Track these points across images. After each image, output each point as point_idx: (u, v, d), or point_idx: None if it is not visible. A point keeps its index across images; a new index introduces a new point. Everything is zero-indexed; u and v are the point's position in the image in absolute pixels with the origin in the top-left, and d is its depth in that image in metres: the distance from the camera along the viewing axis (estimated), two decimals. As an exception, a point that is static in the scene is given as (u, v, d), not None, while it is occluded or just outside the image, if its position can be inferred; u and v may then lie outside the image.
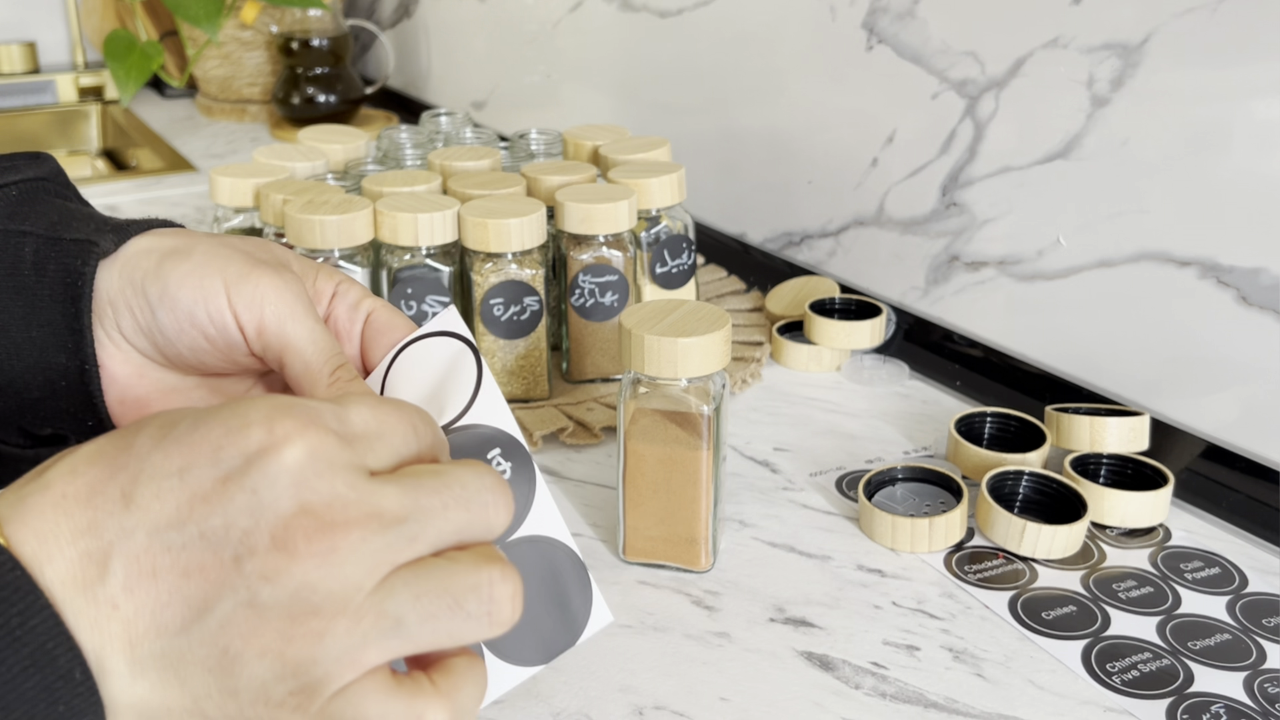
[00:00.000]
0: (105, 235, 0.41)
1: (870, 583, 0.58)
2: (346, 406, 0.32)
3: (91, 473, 0.30)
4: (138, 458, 0.30)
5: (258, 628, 0.29)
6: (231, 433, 0.30)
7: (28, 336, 0.41)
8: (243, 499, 0.29)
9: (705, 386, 0.55)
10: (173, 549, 0.29)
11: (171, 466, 0.29)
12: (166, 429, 0.30)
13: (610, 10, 1.09)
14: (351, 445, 0.31)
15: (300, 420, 0.30)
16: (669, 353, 0.53)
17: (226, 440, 0.30)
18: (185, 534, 0.29)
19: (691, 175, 0.97)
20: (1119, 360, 0.71)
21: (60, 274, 0.40)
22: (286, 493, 0.29)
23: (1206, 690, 0.51)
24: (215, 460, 0.29)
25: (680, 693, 0.50)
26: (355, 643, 0.29)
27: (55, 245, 0.41)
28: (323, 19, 1.39)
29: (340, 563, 0.29)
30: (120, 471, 0.30)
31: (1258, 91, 0.61)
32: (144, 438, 0.30)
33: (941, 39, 0.77)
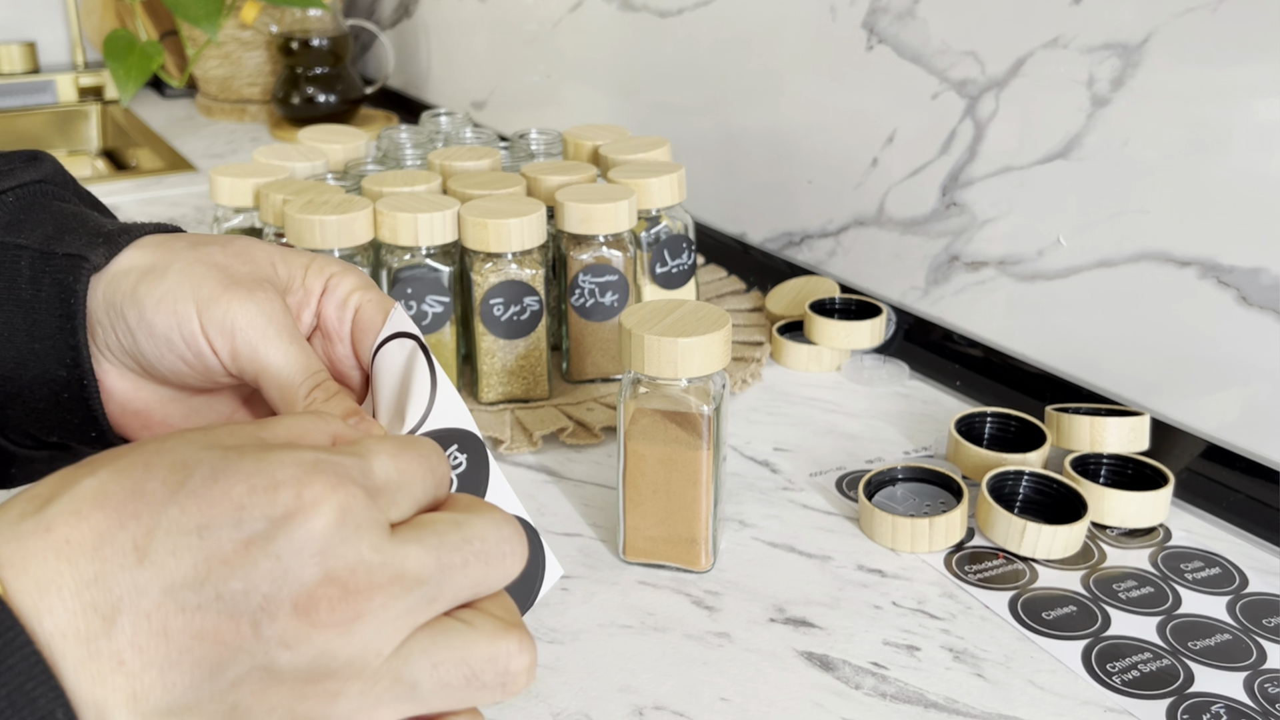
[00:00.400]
0: (97, 248, 0.41)
1: (870, 583, 0.58)
2: (369, 458, 0.31)
3: (98, 518, 0.28)
4: (151, 507, 0.28)
5: (270, 688, 0.28)
6: (256, 492, 0.28)
7: (31, 350, 0.41)
8: (266, 565, 0.28)
9: (705, 386, 0.55)
10: (187, 610, 0.28)
11: (190, 523, 0.28)
12: (181, 476, 0.29)
13: (610, 10, 1.09)
14: (376, 501, 0.30)
15: (329, 481, 0.29)
16: (669, 353, 0.53)
17: (250, 500, 0.28)
18: (202, 595, 0.28)
19: (691, 175, 0.97)
20: (1119, 360, 0.71)
21: (55, 289, 0.40)
22: (312, 560, 0.28)
23: (1207, 690, 0.51)
24: (238, 521, 0.28)
25: (680, 693, 0.50)
26: (368, 704, 0.29)
27: (49, 260, 0.40)
28: (323, 19, 1.39)
29: (362, 630, 0.28)
30: (131, 520, 0.28)
31: (1258, 91, 0.61)
32: (156, 483, 0.29)
33: (941, 39, 0.77)
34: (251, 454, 0.29)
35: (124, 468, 0.29)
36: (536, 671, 0.32)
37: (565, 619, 0.55)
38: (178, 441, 0.30)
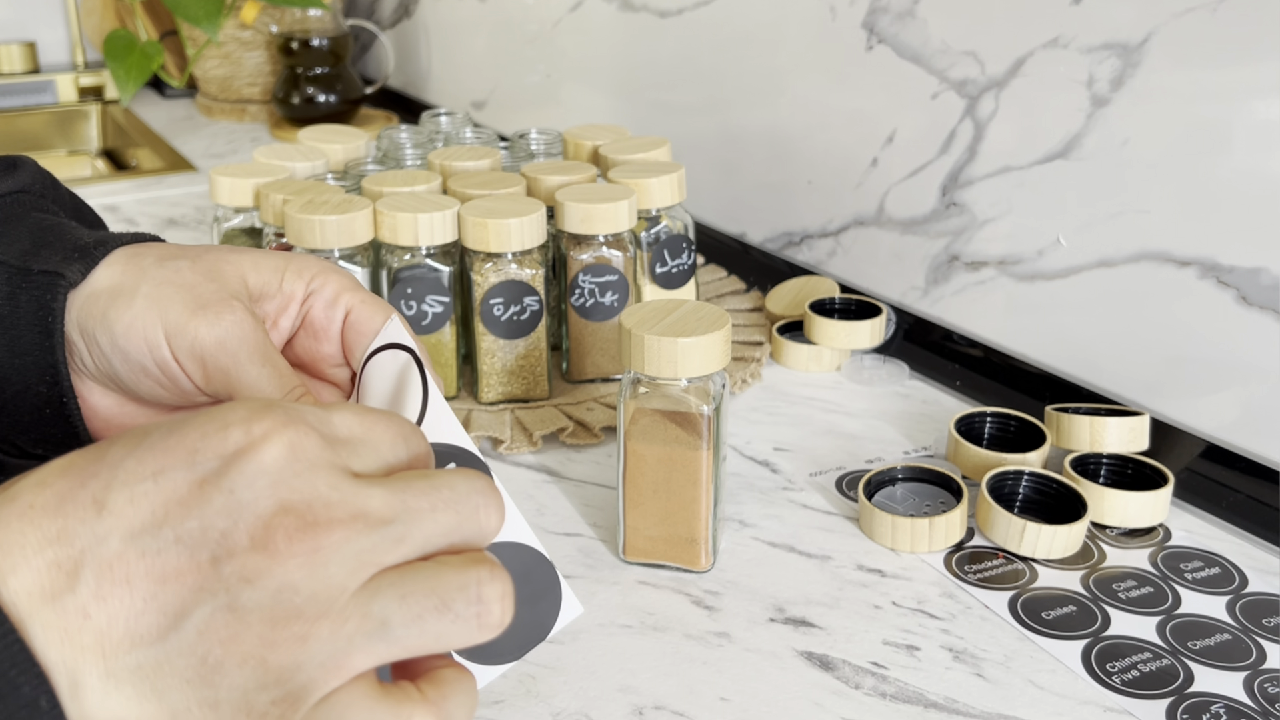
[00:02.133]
0: (72, 264, 0.40)
1: (870, 583, 0.58)
2: (331, 411, 0.31)
3: (61, 483, 0.28)
4: (110, 465, 0.29)
5: (238, 633, 0.28)
6: (208, 435, 0.29)
7: (12, 365, 0.41)
8: (220, 500, 0.28)
9: (705, 386, 0.55)
10: (147, 554, 0.28)
11: (146, 470, 0.28)
12: (141, 436, 0.29)
13: (610, 10, 1.09)
14: (334, 447, 0.30)
15: (280, 419, 0.29)
16: (669, 353, 0.53)
17: (203, 443, 0.29)
18: (160, 538, 0.28)
19: (691, 175, 0.97)
20: (1119, 360, 0.71)
21: (32, 307, 0.40)
22: (265, 492, 0.28)
23: (1206, 690, 0.51)
24: (191, 463, 0.28)
25: (680, 693, 0.50)
26: (340, 647, 0.28)
27: (26, 276, 0.40)
28: (323, 19, 1.39)
29: (323, 563, 0.28)
30: (92, 479, 0.28)
31: (1258, 91, 0.61)
32: (117, 447, 0.29)
33: (941, 39, 0.77)
34: (210, 409, 0.30)
35: (92, 446, 0.30)
36: (512, 605, 0.31)
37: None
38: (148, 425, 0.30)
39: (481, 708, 0.49)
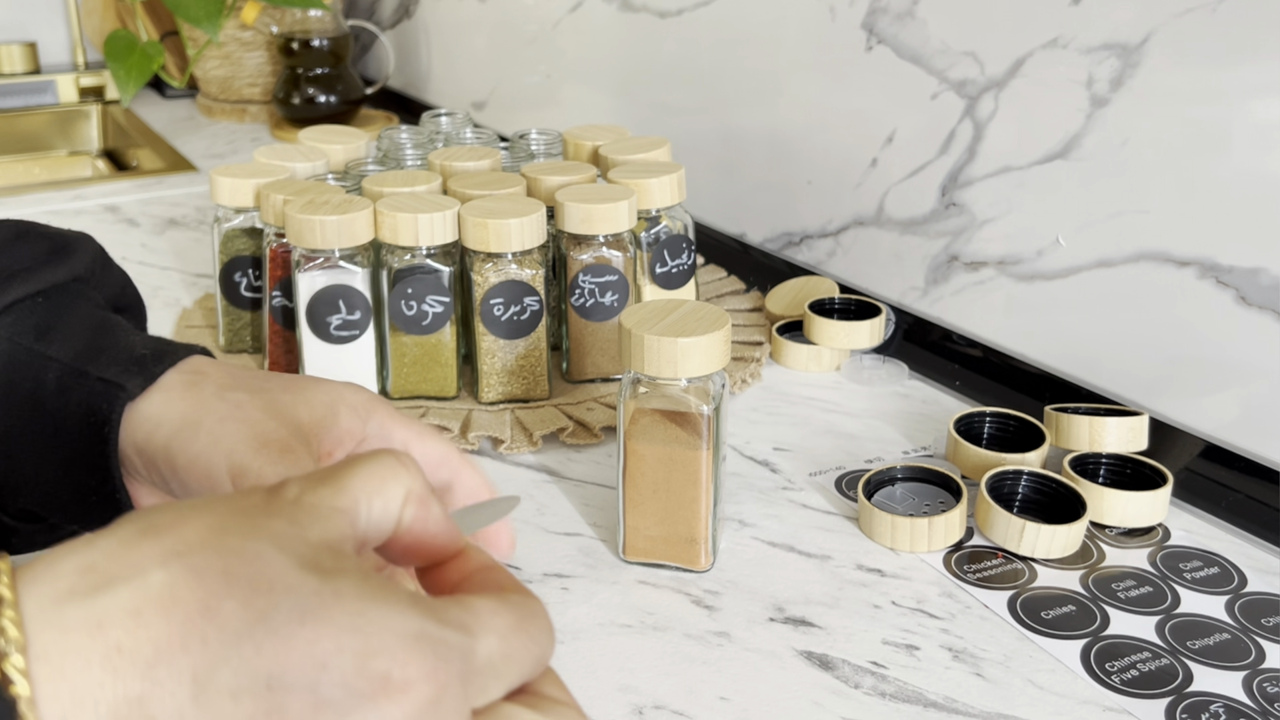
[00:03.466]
0: (133, 376, 0.39)
1: (870, 582, 0.58)
2: (477, 636, 0.27)
3: (160, 628, 0.24)
4: (223, 636, 0.24)
5: None
6: (344, 654, 0.25)
7: (54, 456, 0.40)
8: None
9: (705, 386, 0.55)
10: None
11: (262, 668, 0.24)
12: (265, 605, 0.25)
13: (610, 10, 1.09)
14: (469, 687, 0.27)
15: (427, 667, 0.25)
16: (669, 353, 0.53)
17: (336, 662, 0.25)
18: None
19: (691, 175, 0.97)
20: (1118, 360, 0.71)
21: (84, 411, 0.39)
22: None
23: (1206, 690, 0.51)
24: (315, 682, 0.24)
25: (680, 692, 0.50)
26: None
27: (81, 379, 0.39)
28: (323, 19, 1.39)
29: None
30: (197, 645, 0.24)
31: (1258, 91, 0.61)
32: (234, 604, 0.25)
33: (941, 39, 0.77)
34: (350, 597, 0.26)
35: (200, 569, 0.25)
36: None
37: (565, 619, 0.55)
38: (266, 544, 0.26)
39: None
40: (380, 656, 0.25)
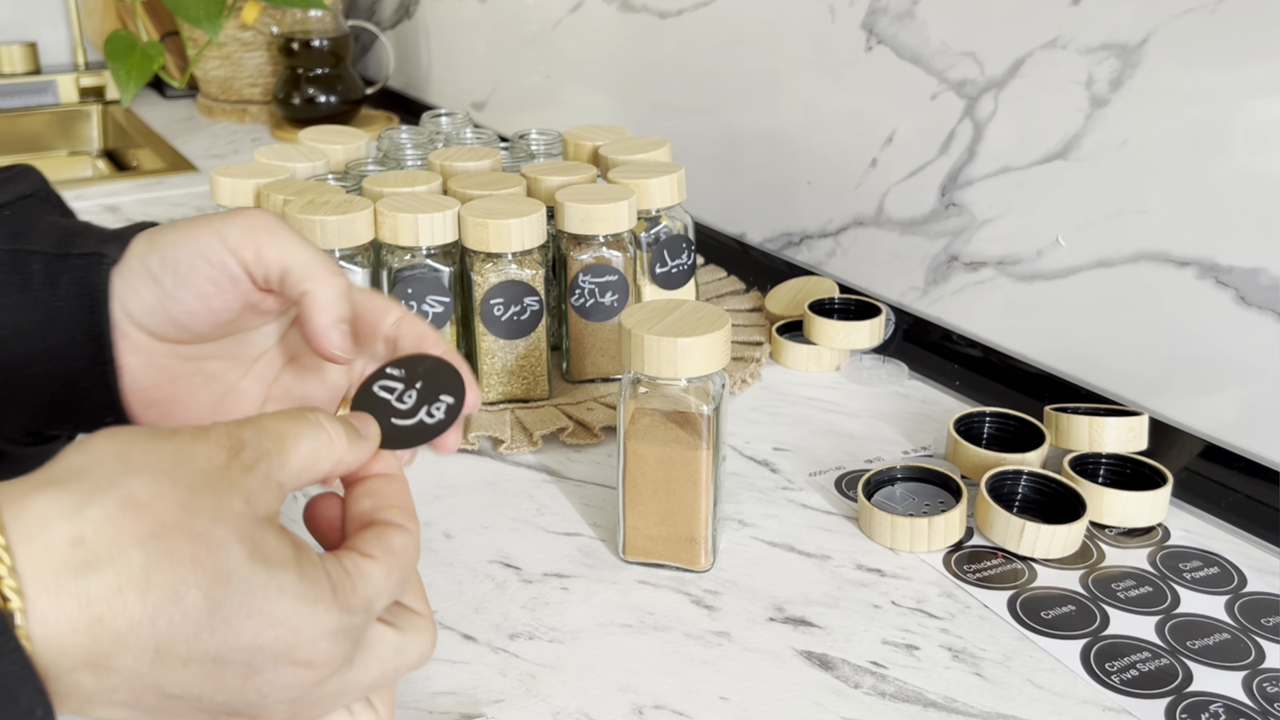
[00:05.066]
0: (110, 244, 0.43)
1: (869, 582, 0.58)
2: (373, 608, 0.36)
3: (136, 609, 0.30)
4: (187, 619, 0.31)
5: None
6: (277, 642, 0.32)
7: (44, 346, 0.43)
8: (251, 695, 0.33)
9: (705, 386, 0.55)
10: (169, 696, 0.32)
11: (212, 648, 0.31)
12: (220, 595, 0.31)
13: (610, 11, 1.10)
14: (360, 642, 0.36)
15: (340, 650, 0.34)
16: (669, 353, 0.53)
17: (271, 647, 0.32)
18: (188, 694, 0.32)
19: (691, 175, 0.97)
20: (1118, 360, 0.71)
21: (73, 287, 0.43)
22: (282, 706, 0.34)
23: (1205, 690, 0.51)
24: (250, 659, 0.32)
25: (680, 692, 0.50)
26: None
27: (64, 261, 0.43)
28: (323, 20, 1.39)
29: None
30: (164, 623, 0.31)
31: (1257, 91, 0.61)
32: (197, 594, 0.31)
33: (941, 39, 0.77)
34: (289, 595, 0.32)
35: (172, 553, 0.31)
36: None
37: (565, 618, 0.55)
38: (228, 530, 0.32)
39: (481, 706, 0.49)
40: (305, 649, 0.33)
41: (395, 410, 0.42)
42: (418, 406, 0.42)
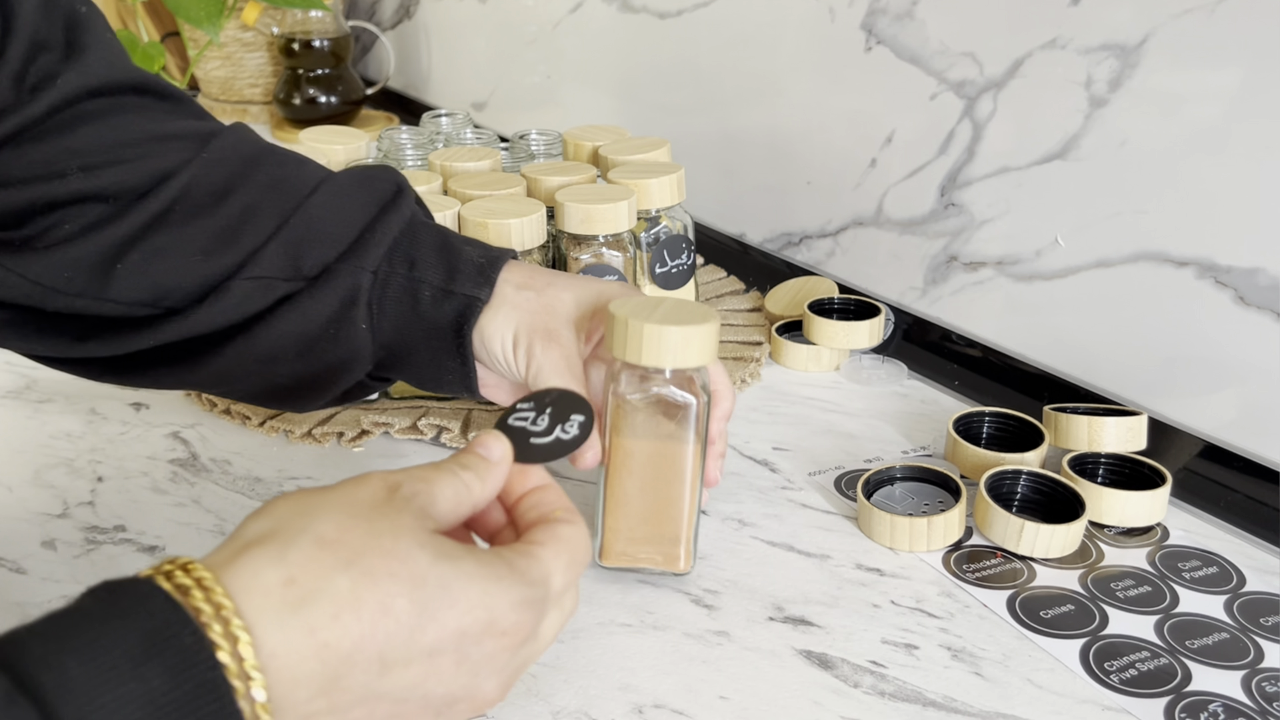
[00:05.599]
0: (482, 288, 0.55)
1: (869, 582, 0.58)
2: (550, 582, 0.40)
3: (355, 630, 0.34)
4: (400, 627, 0.35)
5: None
6: (477, 624, 0.37)
7: (426, 346, 0.56)
8: (463, 678, 0.37)
9: (694, 377, 0.55)
10: (396, 702, 0.36)
11: (425, 644, 0.35)
12: (422, 596, 0.35)
13: (610, 11, 1.10)
14: (544, 614, 0.40)
15: (527, 617, 0.38)
16: (661, 341, 0.52)
17: (473, 629, 0.37)
18: (413, 694, 0.36)
19: (691, 175, 0.97)
20: (1117, 360, 0.71)
21: (453, 317, 0.55)
22: (492, 678, 0.38)
23: (1204, 689, 0.51)
24: (459, 644, 0.36)
25: (680, 691, 0.50)
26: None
27: (449, 296, 0.55)
28: (324, 20, 1.39)
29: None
30: (382, 636, 0.34)
31: (1257, 91, 0.61)
32: (403, 601, 0.35)
33: (940, 40, 0.77)
34: (476, 579, 0.37)
35: (372, 572, 0.35)
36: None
37: (565, 618, 0.55)
38: (409, 542, 0.36)
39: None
40: (500, 622, 0.37)
41: (531, 433, 0.47)
42: (552, 427, 0.48)
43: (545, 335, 0.55)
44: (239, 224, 0.53)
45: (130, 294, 0.52)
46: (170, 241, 0.52)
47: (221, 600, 0.32)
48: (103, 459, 0.68)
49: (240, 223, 0.53)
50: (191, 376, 0.56)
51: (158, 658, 0.30)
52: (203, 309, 0.53)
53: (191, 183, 0.53)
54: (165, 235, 0.52)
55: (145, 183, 0.53)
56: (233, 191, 0.54)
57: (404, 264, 0.56)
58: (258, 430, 0.71)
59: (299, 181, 0.56)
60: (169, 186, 0.53)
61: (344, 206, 0.56)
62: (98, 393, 0.76)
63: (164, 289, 0.52)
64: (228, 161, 0.54)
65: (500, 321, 0.55)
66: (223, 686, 0.31)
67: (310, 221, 0.54)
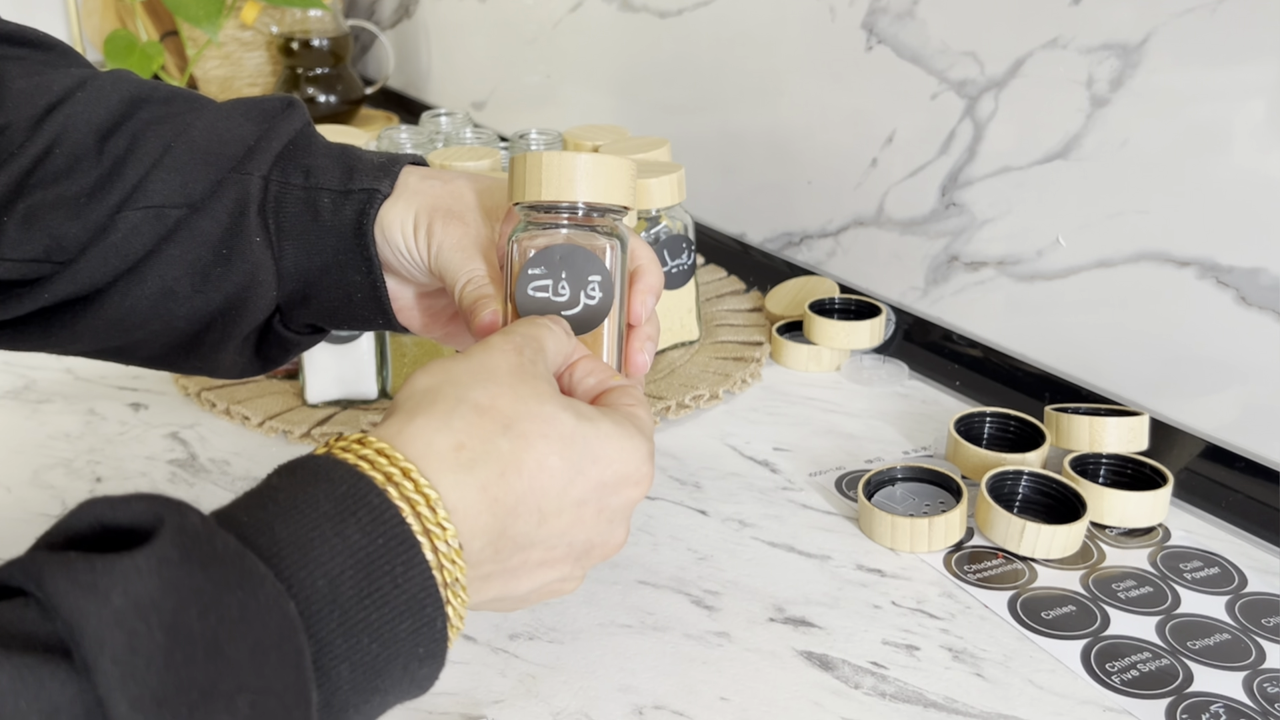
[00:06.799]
0: (382, 181, 0.52)
1: (870, 582, 0.58)
2: (650, 437, 0.44)
3: (519, 485, 0.38)
4: (555, 482, 0.39)
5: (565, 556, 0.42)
6: (617, 475, 0.41)
7: (335, 260, 0.52)
8: (602, 527, 0.41)
9: (610, 222, 0.47)
10: (549, 551, 0.40)
11: (575, 495, 0.40)
12: (574, 454, 0.40)
13: (610, 10, 1.09)
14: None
15: (650, 467, 0.42)
16: (568, 170, 0.45)
17: (613, 481, 0.41)
18: (560, 544, 0.40)
19: (691, 175, 0.97)
20: (1118, 360, 0.71)
21: (353, 217, 0.51)
22: (622, 525, 0.43)
23: (1206, 690, 0.51)
24: (601, 494, 0.41)
25: (680, 692, 0.50)
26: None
27: (348, 197, 0.52)
28: (323, 19, 1.39)
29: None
30: (539, 491, 0.39)
31: (1257, 91, 0.61)
32: (555, 459, 0.39)
33: (941, 39, 0.77)
34: (612, 437, 0.41)
35: (527, 434, 0.39)
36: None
37: (565, 619, 0.55)
38: (552, 405, 0.40)
39: (481, 706, 0.49)
40: (634, 473, 0.42)
41: (558, 305, 0.46)
42: (575, 295, 0.46)
43: (447, 214, 0.51)
44: (123, 158, 0.51)
45: (21, 250, 0.50)
46: (53, 188, 0.50)
47: (406, 465, 0.36)
48: (101, 459, 0.68)
49: (124, 156, 0.51)
50: (91, 332, 0.52)
51: (351, 517, 0.34)
52: (92, 251, 0.50)
53: (69, 125, 0.50)
54: (47, 181, 0.50)
55: (21, 133, 0.50)
56: (116, 130, 0.51)
57: (299, 173, 0.52)
58: (257, 430, 0.71)
59: (184, 111, 0.53)
60: (44, 131, 0.50)
61: (231, 126, 0.52)
62: (97, 393, 0.76)
63: (54, 239, 0.50)
64: (108, 101, 0.52)
65: (400, 208, 0.51)
66: (410, 539, 0.35)
67: (195, 144, 0.51)
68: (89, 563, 0.29)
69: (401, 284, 0.54)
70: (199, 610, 0.29)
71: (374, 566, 0.34)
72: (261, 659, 0.30)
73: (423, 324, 0.55)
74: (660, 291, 0.51)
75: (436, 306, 0.55)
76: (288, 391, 0.75)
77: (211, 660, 0.29)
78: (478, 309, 0.48)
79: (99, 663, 0.27)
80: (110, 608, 0.28)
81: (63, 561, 0.29)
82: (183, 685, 0.28)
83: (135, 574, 0.29)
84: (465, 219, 0.51)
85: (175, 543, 0.30)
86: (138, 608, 0.29)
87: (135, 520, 0.31)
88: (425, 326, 0.55)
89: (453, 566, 0.36)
